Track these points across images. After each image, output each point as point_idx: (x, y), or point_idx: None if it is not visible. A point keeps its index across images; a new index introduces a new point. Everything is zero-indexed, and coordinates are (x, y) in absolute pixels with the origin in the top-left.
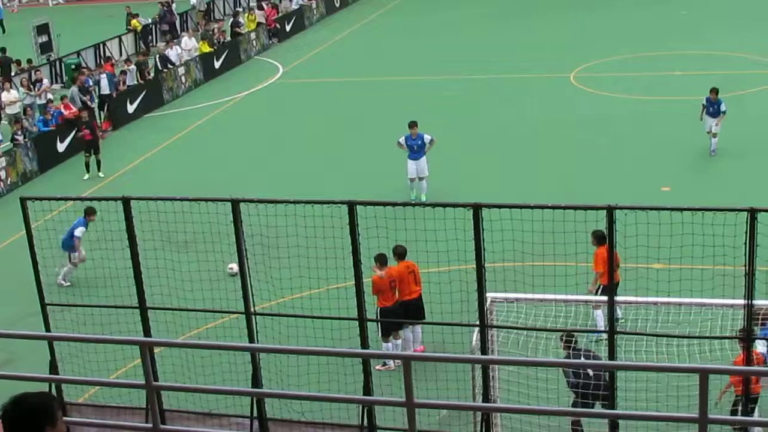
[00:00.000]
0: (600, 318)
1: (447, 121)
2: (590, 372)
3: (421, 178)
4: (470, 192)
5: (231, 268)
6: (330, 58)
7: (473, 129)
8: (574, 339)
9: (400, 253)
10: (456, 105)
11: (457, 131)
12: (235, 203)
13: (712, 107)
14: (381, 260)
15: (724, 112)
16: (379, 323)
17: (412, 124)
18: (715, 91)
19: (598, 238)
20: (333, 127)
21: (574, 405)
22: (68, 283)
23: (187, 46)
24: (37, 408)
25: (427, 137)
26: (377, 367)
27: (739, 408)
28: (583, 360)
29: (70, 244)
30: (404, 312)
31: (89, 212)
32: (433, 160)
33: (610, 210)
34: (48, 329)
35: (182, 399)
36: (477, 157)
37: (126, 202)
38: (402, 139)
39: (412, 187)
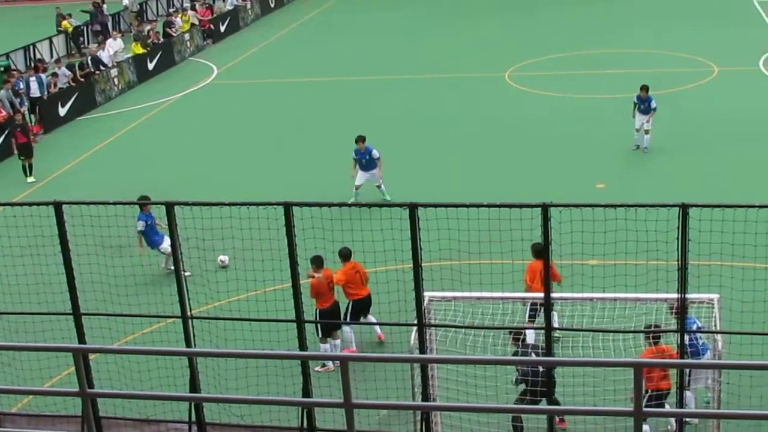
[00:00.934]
0: (555, 317)
1: (382, 122)
2: (539, 367)
3: (378, 186)
4: (407, 192)
5: (222, 261)
6: (265, 59)
7: (408, 129)
8: (522, 334)
9: (345, 255)
10: (391, 105)
11: (392, 131)
12: (170, 206)
13: (643, 104)
14: (317, 262)
15: (654, 109)
16: (317, 325)
17: (359, 139)
18: (645, 88)
19: (536, 252)
20: (268, 128)
21: (522, 396)
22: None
23: (113, 48)
24: None
25: (375, 153)
26: (317, 369)
27: (652, 403)
28: (528, 356)
29: (152, 240)
30: (355, 311)
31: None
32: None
33: (545, 207)
34: None
35: (119, 406)
36: (412, 156)
37: (58, 206)
38: (353, 154)
39: (356, 195)
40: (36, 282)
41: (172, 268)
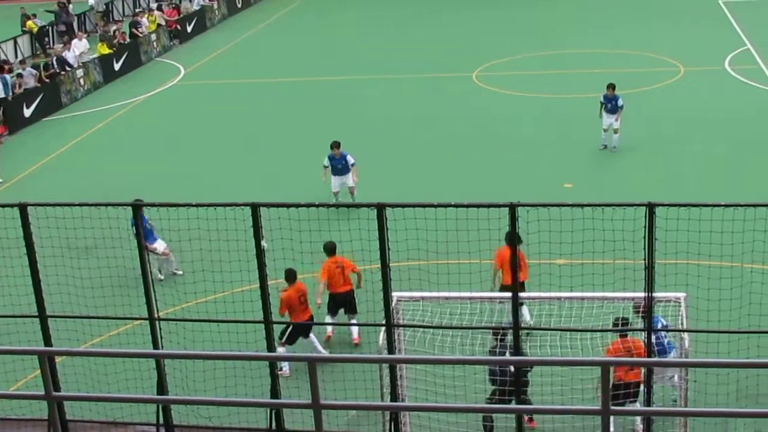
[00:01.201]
0: (526, 312)
1: (349, 122)
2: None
3: (349, 187)
4: (374, 192)
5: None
6: (232, 59)
7: (375, 129)
8: (501, 333)
9: (329, 249)
10: (358, 106)
11: (360, 132)
12: (137, 207)
13: (610, 103)
14: (288, 277)
15: (621, 107)
16: (287, 330)
17: (335, 145)
18: (611, 86)
19: (510, 239)
20: (236, 129)
21: (492, 395)
22: (162, 276)
23: (79, 48)
24: None
25: (350, 158)
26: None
27: (620, 393)
28: (498, 356)
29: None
30: (335, 305)
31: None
32: None
33: (513, 207)
34: None
35: (86, 408)
36: (380, 157)
37: (23, 208)
38: (326, 161)
39: (336, 198)
40: (1, 284)
41: (162, 277)
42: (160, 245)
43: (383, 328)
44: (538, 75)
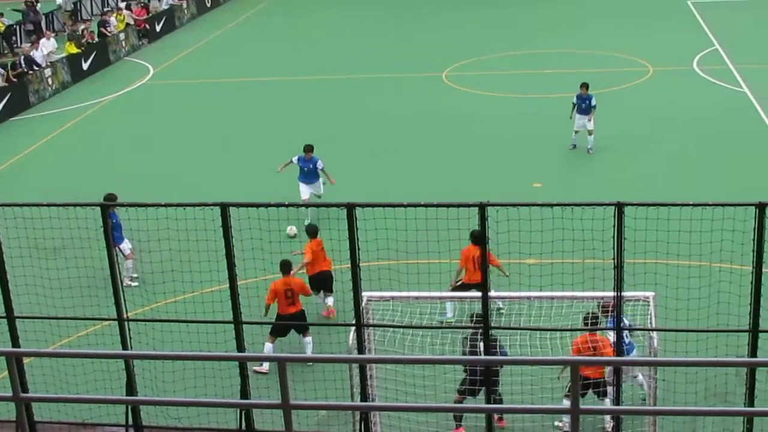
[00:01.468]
0: (449, 308)
1: (318, 122)
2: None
3: (318, 196)
4: (345, 192)
5: (290, 230)
6: (202, 58)
7: (345, 129)
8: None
9: (312, 232)
10: (328, 106)
11: (330, 132)
12: (105, 208)
13: (584, 103)
14: (283, 268)
15: (594, 107)
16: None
17: (308, 148)
18: (585, 86)
19: (474, 238)
20: (205, 128)
21: (462, 394)
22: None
23: (47, 47)
24: None
25: (320, 163)
26: (255, 369)
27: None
28: (468, 355)
29: (114, 237)
30: (317, 283)
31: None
32: None
33: (482, 207)
34: None
35: (54, 410)
36: (350, 157)
37: None
38: (295, 159)
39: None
40: None
41: (131, 283)
42: (125, 246)
43: (353, 328)
44: (508, 75)
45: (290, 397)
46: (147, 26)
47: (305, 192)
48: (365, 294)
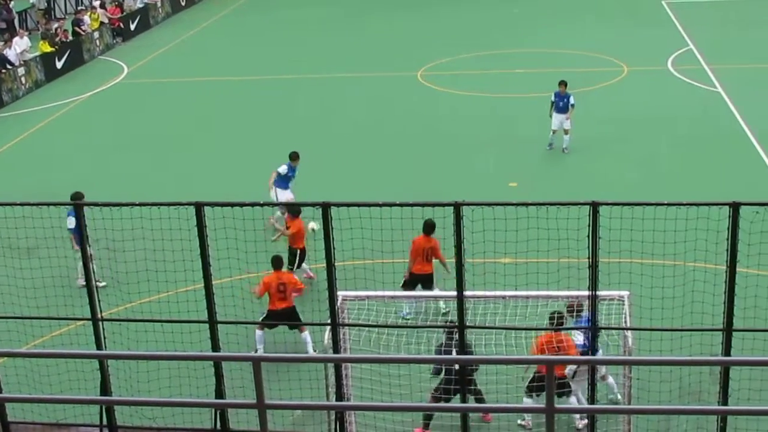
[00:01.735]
0: (405, 305)
1: (294, 121)
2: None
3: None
4: (320, 191)
5: (312, 225)
6: (176, 57)
7: (321, 129)
8: (455, 330)
9: (294, 212)
10: (303, 105)
11: (305, 131)
12: (79, 207)
13: (562, 101)
14: (273, 263)
15: (573, 105)
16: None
17: (295, 156)
18: (563, 83)
19: (427, 227)
20: (180, 128)
21: (437, 396)
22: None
23: (20, 46)
24: None
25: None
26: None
27: (534, 385)
28: (443, 354)
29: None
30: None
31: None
32: (281, 160)
33: (457, 206)
34: None
35: (28, 410)
36: (326, 156)
37: None
38: (282, 169)
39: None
40: None
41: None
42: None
43: (328, 328)
44: (482, 74)
45: (265, 397)
46: (121, 25)
47: (285, 196)
48: (340, 293)
